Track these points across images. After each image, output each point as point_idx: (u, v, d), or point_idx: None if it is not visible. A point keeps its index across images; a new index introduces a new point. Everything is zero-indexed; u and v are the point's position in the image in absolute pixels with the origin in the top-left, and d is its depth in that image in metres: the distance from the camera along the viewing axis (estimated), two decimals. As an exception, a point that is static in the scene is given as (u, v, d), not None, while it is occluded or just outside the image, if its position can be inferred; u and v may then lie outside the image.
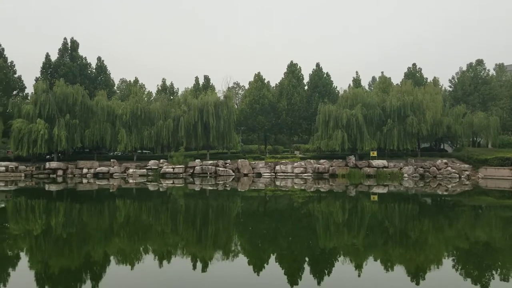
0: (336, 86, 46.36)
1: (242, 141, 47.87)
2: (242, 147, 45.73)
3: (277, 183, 28.86)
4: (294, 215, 14.89)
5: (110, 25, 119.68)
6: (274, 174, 35.45)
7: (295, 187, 26.11)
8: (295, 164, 36.11)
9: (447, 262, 8.55)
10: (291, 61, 46.70)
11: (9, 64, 40.16)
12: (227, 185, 27.33)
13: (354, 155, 37.10)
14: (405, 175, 34.14)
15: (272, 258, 8.66)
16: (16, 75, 40.55)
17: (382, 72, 49.98)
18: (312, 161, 36.74)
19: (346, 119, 36.34)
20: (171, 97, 47.18)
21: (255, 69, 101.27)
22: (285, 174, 35.18)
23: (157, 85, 51.69)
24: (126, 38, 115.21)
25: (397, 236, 11.26)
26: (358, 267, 7.95)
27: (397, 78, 79.25)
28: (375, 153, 36.41)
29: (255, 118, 44.04)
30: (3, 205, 17.89)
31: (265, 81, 46.96)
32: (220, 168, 35.65)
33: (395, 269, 7.97)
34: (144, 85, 54.68)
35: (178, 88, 52.48)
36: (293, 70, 46.25)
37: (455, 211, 16.23)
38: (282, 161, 36.98)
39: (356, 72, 47.69)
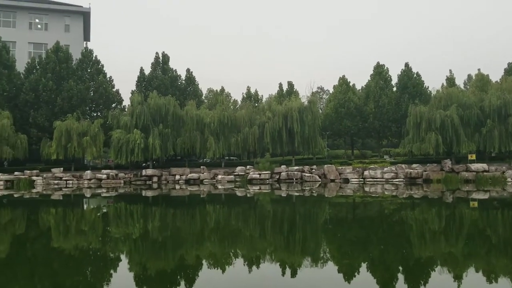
0: (428, 86, 44.06)
1: (328, 146, 47.21)
2: (328, 152, 45.09)
3: (366, 189, 27.96)
4: (386, 222, 14.26)
5: (199, 38, 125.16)
6: (362, 179, 34.44)
7: (386, 193, 25.10)
8: (385, 169, 34.76)
9: None
10: (378, 62, 45.31)
11: (108, 79, 43.62)
12: (314, 191, 27.04)
13: (449, 158, 34.84)
14: (509, 179, 31.35)
15: (363, 266, 8.31)
16: (114, 89, 43.90)
17: (478, 70, 46.47)
18: (403, 165, 35.11)
19: (440, 120, 34.28)
20: (256, 104, 47.98)
21: (339, 73, 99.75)
22: (375, 179, 34.00)
23: (242, 93, 53.06)
24: (212, 49, 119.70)
25: (501, 245, 10.25)
26: (457, 277, 7.34)
27: (495, 75, 73.31)
28: (473, 156, 33.83)
29: (341, 123, 43.20)
30: (105, 210, 19.33)
31: (350, 84, 45.97)
32: (306, 174, 35.43)
33: (499, 281, 7.23)
34: (229, 93, 56.48)
35: (262, 95, 53.33)
36: (380, 72, 44.76)
37: None
38: (371, 166, 35.80)
39: (450, 70, 44.96)
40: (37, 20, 51.13)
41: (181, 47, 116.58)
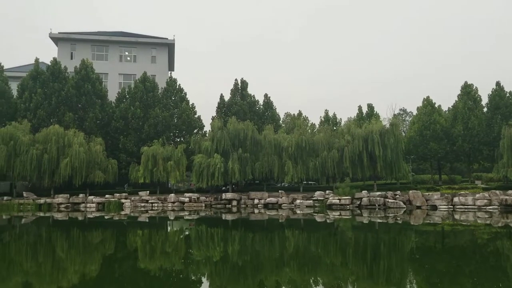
0: (523, 106, 40.61)
1: (413, 171, 44.97)
2: (412, 177, 42.94)
3: (456, 216, 26.10)
4: (479, 253, 13.09)
5: (274, 63, 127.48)
6: (451, 206, 32.21)
7: (478, 221, 23.23)
8: (477, 195, 32.25)
9: None
10: (465, 82, 42.71)
11: (190, 106, 45.71)
12: (398, 218, 25.75)
13: (552, 184, 31.56)
14: None
15: (457, 301, 7.63)
16: (196, 116, 45.85)
17: None
18: (497, 192, 32.35)
19: (538, 142, 31.39)
20: (334, 128, 47.30)
21: (422, 94, 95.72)
22: (465, 206, 31.66)
23: (320, 116, 52.54)
24: (288, 73, 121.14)
25: None
26: None
27: None
28: None
29: (426, 146, 41.04)
30: (187, 233, 19.87)
31: (435, 105, 43.76)
32: (389, 200, 33.89)
33: None
34: (307, 117, 56.38)
35: (340, 118, 52.54)
36: (468, 92, 42.15)
37: None
38: (461, 192, 33.39)
39: (548, 88, 41.20)
40: (126, 53, 55.42)
41: (259, 70, 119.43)
